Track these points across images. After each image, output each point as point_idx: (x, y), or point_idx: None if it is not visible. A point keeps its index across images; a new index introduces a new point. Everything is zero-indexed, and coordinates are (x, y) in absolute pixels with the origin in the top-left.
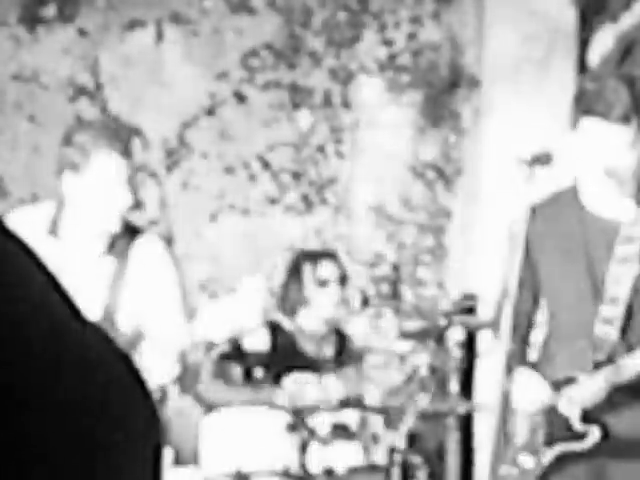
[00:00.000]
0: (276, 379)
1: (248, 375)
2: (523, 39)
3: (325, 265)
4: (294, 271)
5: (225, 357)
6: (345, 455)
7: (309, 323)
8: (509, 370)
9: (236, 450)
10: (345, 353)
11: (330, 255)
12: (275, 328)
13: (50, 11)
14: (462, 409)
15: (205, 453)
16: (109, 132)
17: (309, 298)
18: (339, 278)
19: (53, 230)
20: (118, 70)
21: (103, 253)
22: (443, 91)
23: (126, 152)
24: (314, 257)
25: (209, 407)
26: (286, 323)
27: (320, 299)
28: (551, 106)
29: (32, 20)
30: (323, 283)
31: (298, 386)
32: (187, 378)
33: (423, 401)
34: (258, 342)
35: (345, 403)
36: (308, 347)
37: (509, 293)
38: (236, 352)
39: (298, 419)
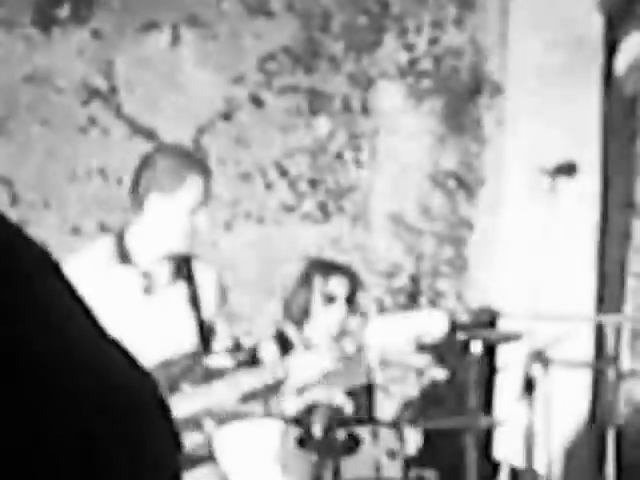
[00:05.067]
0: None
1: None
2: (547, 45)
3: (336, 281)
4: (304, 280)
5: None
6: (357, 469)
7: (314, 336)
8: None
9: (247, 464)
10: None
11: (343, 270)
12: (282, 339)
13: (64, 12)
14: (481, 424)
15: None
16: (191, 155)
17: (315, 312)
18: (348, 296)
19: (124, 259)
20: (133, 73)
21: (174, 277)
22: (465, 98)
23: (208, 176)
24: (327, 270)
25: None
26: (292, 332)
27: (325, 315)
28: (576, 115)
29: (46, 21)
30: (330, 299)
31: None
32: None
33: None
34: (267, 354)
35: (358, 418)
36: None
37: None
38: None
39: (311, 434)
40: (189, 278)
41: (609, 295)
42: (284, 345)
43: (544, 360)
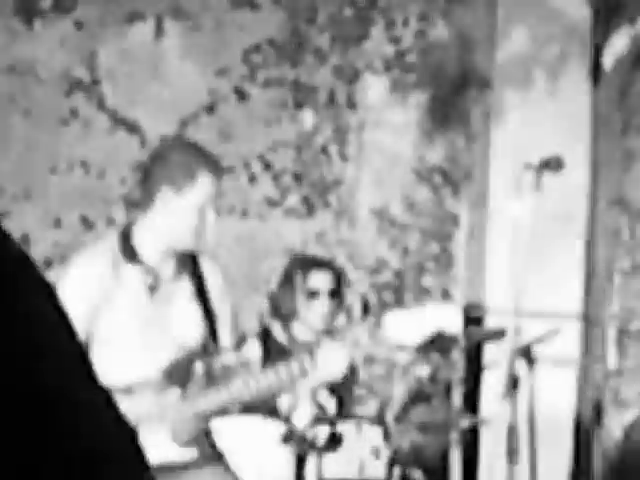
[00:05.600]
0: None
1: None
2: (536, 40)
3: (317, 276)
4: (287, 278)
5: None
6: (341, 467)
7: (301, 334)
8: None
9: (232, 459)
10: None
11: (325, 265)
12: (266, 335)
13: (47, 2)
14: (466, 422)
15: None
16: (205, 153)
17: (299, 309)
18: (331, 291)
19: (131, 256)
20: (116, 64)
21: (179, 272)
22: (452, 92)
23: (219, 175)
24: (307, 266)
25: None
26: (278, 331)
27: (309, 311)
28: (563, 109)
29: (28, 11)
30: (312, 295)
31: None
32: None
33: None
34: (251, 352)
35: (341, 415)
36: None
37: None
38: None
39: (294, 430)
40: (195, 273)
41: (596, 292)
42: (268, 343)
43: (529, 358)
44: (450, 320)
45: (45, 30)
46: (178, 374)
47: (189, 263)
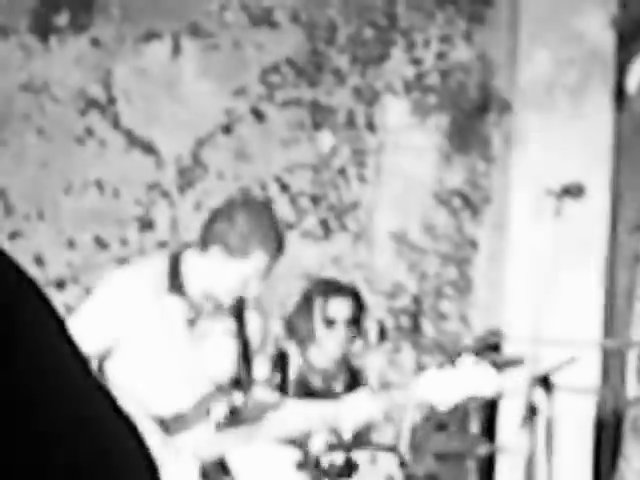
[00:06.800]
0: None
1: None
2: (558, 62)
3: (337, 303)
4: (305, 302)
5: None
6: None
7: (318, 360)
8: None
9: None
10: (356, 389)
11: (346, 291)
12: (283, 358)
13: (63, 20)
14: (483, 450)
15: None
16: (269, 227)
17: (316, 335)
18: (350, 319)
19: (175, 286)
20: (132, 83)
21: (221, 312)
22: (472, 115)
23: (276, 253)
24: (328, 292)
25: None
26: (295, 354)
27: (326, 338)
28: (586, 134)
29: (44, 29)
30: (330, 323)
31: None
32: None
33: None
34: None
35: (356, 441)
36: (316, 382)
37: None
38: None
39: (309, 456)
40: (238, 315)
41: (616, 319)
42: (284, 367)
43: (548, 385)
44: (490, 386)
45: (61, 48)
46: (207, 408)
47: (234, 306)
